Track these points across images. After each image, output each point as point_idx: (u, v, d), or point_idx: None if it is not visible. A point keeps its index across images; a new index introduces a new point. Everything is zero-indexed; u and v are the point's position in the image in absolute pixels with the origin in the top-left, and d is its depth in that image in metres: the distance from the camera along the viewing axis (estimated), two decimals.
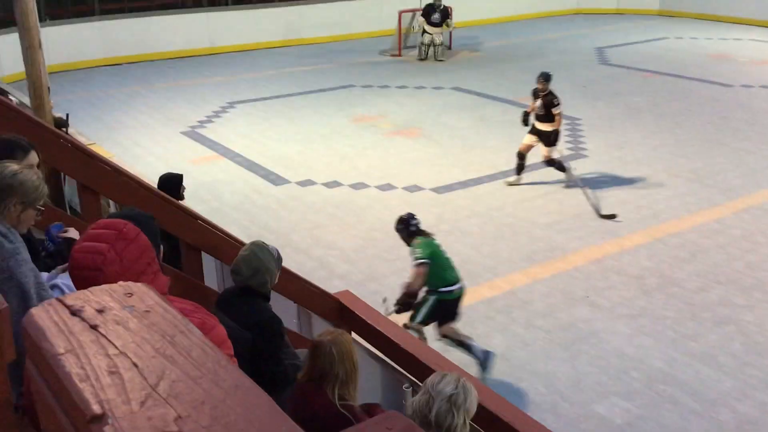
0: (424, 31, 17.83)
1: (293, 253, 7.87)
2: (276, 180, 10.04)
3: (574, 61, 17.61)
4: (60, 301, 0.79)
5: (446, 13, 17.73)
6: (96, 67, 17.24)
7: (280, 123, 12.79)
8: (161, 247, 2.14)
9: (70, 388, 0.65)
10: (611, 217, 8.62)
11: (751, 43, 19.36)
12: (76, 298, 0.79)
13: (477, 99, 14.32)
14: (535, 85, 9.53)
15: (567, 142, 11.48)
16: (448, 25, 17.83)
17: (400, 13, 18.65)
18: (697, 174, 10.07)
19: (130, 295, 0.79)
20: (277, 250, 3.52)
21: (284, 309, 4.12)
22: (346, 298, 3.97)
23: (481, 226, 8.54)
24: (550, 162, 9.66)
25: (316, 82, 15.77)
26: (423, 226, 6.10)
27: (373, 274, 7.45)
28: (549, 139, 9.51)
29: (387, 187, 9.78)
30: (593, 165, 10.46)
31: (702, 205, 9.01)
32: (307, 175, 10.17)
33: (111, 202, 5.18)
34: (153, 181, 6.40)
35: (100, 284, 1.82)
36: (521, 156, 9.72)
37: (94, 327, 0.73)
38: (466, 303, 6.83)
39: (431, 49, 17.88)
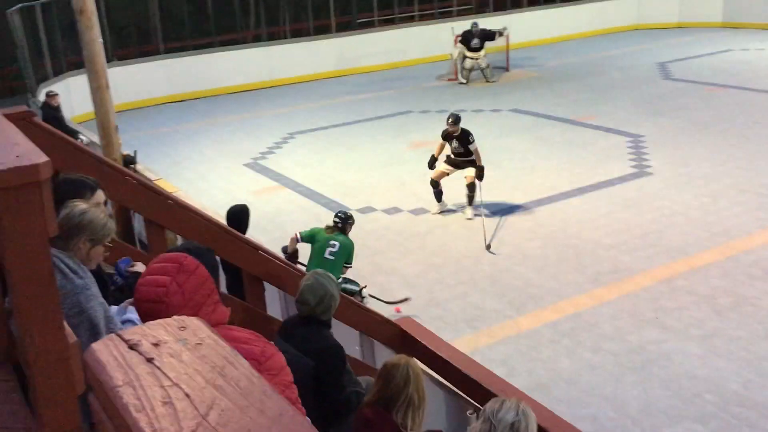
0: (465, 57, 17.88)
1: (355, 280, 7.92)
2: (336, 208, 10.12)
3: (636, 77, 17.33)
4: (119, 335, 0.83)
5: (487, 35, 17.70)
6: (162, 104, 17.85)
7: (339, 152, 12.96)
8: (221, 277, 2.20)
9: (127, 419, 0.68)
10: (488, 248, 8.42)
11: None
12: (134, 332, 0.83)
13: (535, 120, 14.21)
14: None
15: (630, 160, 11.29)
16: (497, 37, 17.65)
17: (456, 37, 18.73)
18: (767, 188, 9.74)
19: (184, 328, 0.83)
20: (336, 278, 3.55)
21: (346, 336, 4.15)
22: (408, 325, 3.97)
23: (544, 249, 8.43)
24: (473, 189, 9.42)
25: (373, 109, 15.94)
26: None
27: (435, 299, 7.43)
28: (479, 174, 9.27)
29: (447, 211, 9.76)
30: (659, 182, 10.22)
31: None
32: (367, 202, 10.25)
33: (179, 237, 5.33)
34: (217, 212, 6.57)
35: (163, 316, 1.89)
36: (435, 184, 9.55)
37: (149, 360, 0.77)
38: (529, 326, 6.75)
39: (474, 73, 17.92)
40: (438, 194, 9.71)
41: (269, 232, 9.24)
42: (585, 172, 10.90)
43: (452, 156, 9.68)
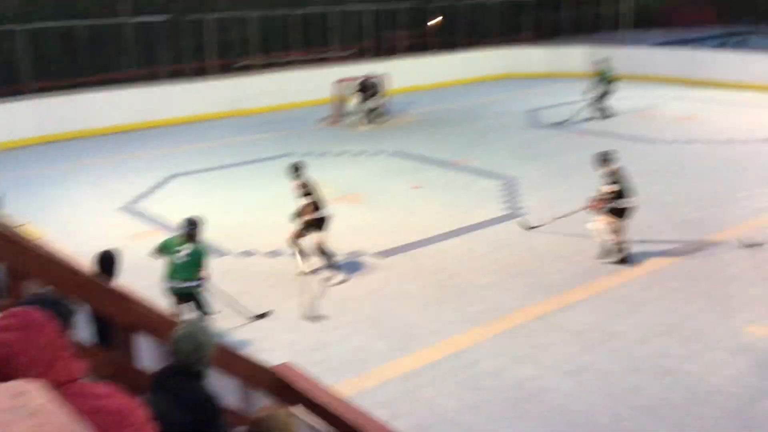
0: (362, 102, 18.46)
1: (237, 326, 7.74)
2: (217, 252, 9.92)
3: (510, 122, 18.15)
4: None
5: (375, 87, 18.39)
6: (30, 145, 16.97)
7: (220, 194, 12.73)
8: (70, 326, 2.07)
9: None
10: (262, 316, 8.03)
11: (672, 101, 20.28)
12: None
13: (416, 163, 14.55)
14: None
15: (505, 201, 11.72)
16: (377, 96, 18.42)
17: (337, 82, 18.98)
18: (630, 229, 10.33)
19: (21, 395, 0.77)
20: (212, 327, 3.45)
21: (222, 386, 4.02)
22: (285, 371, 3.89)
23: (424, 289, 8.56)
24: (322, 251, 9.09)
25: (256, 151, 15.83)
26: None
27: (318, 343, 7.36)
28: (318, 226, 9.04)
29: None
30: (534, 221, 10.65)
31: (636, 259, 9.22)
32: (250, 245, 10.08)
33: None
34: (89, 258, 6.26)
35: (9, 376, 1.75)
36: (294, 243, 9.22)
37: None
38: (411, 367, 6.80)
39: (356, 117, 18.46)
40: (301, 253, 9.23)
41: (146, 277, 8.86)
42: (463, 213, 11.23)
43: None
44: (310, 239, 9.14)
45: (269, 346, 7.21)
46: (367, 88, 18.36)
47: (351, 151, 15.78)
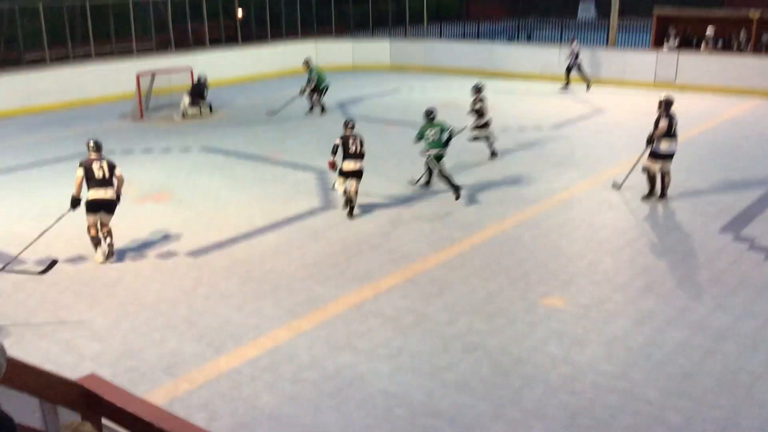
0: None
1: (36, 340, 7.21)
2: (12, 262, 9.14)
3: (318, 116, 18.28)
4: None
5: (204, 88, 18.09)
6: None
7: (12, 198, 11.76)
8: None
9: None
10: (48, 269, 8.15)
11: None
12: None
13: (226, 158, 14.28)
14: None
15: (318, 194, 11.82)
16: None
17: (138, 75, 18.14)
18: (439, 215, 10.84)
19: None
20: (1, 343, 3.18)
21: (23, 404, 3.73)
22: (90, 383, 3.68)
23: (241, 286, 8.45)
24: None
25: (51, 151, 14.78)
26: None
27: (128, 350, 7.03)
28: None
29: (138, 256, 9.35)
30: (343, 214, 10.83)
31: (444, 243, 9.70)
32: (47, 252, 9.37)
33: None
34: None
35: None
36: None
37: None
38: (230, 366, 6.70)
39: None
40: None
41: None
42: (277, 207, 11.19)
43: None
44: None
45: (74, 360, 6.80)
46: (199, 90, 18.02)
47: (157, 147, 15.17)
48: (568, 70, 21.50)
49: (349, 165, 10.52)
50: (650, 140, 11.03)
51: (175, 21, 23.60)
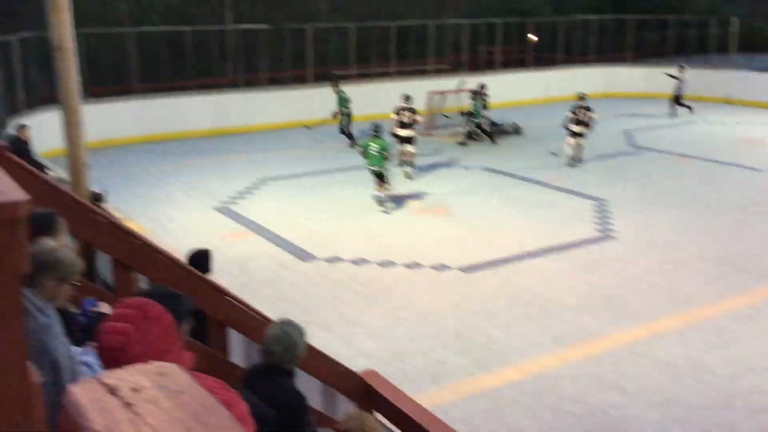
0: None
1: (319, 330, 7.86)
2: (304, 256, 10.12)
3: (604, 142, 17.73)
4: (98, 379, 0.82)
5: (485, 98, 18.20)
6: (134, 143, 17.76)
7: (310, 200, 12.98)
8: (188, 323, 2.17)
9: None
10: None
11: None
12: (113, 377, 0.83)
13: (505, 179, 14.43)
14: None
15: (595, 223, 11.47)
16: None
17: (431, 94, 19.04)
18: (728, 258, 9.94)
19: (163, 375, 0.83)
20: (303, 328, 3.53)
21: (308, 386, 4.11)
22: (371, 378, 3.94)
23: (509, 307, 8.47)
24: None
25: (348, 159, 16.04)
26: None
27: (399, 353, 7.39)
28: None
29: (414, 265, 9.79)
30: (622, 247, 10.39)
31: (734, 290, 8.86)
32: (335, 251, 10.23)
33: (142, 276, 5.25)
34: (184, 255, 6.50)
35: (124, 363, 1.86)
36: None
37: (128, 405, 0.76)
38: (492, 385, 6.74)
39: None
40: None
41: (234, 277, 9.15)
42: (551, 232, 11.05)
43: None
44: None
45: (351, 353, 7.29)
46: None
47: (441, 163, 15.79)
48: None
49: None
50: None
51: (471, 44, 24.43)
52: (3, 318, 1.36)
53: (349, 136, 17.50)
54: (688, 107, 20.66)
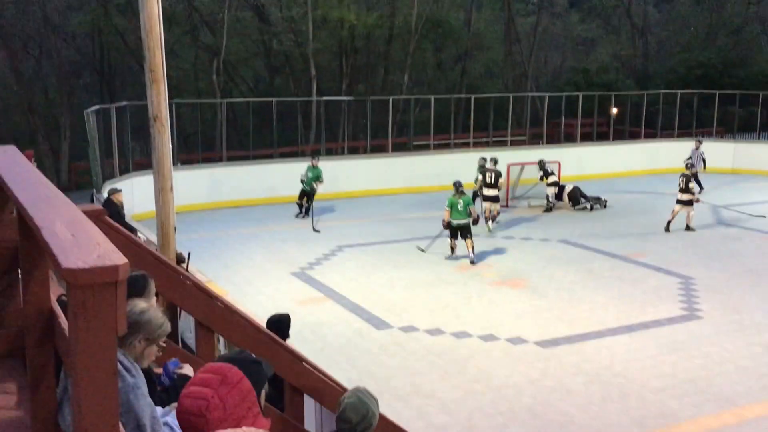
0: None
1: (392, 400, 7.79)
2: (379, 324, 10.13)
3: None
4: None
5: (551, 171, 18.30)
6: (220, 209, 18.36)
7: (386, 268, 13.04)
8: (266, 389, 2.21)
9: None
10: None
11: None
12: None
13: (585, 252, 14.16)
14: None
15: (680, 301, 11.08)
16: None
17: (509, 166, 19.06)
18: None
19: None
20: (377, 397, 3.52)
21: None
22: None
23: (588, 385, 8.21)
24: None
25: (424, 229, 16.10)
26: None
27: (472, 428, 7.23)
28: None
29: (490, 337, 9.65)
30: (709, 327, 9.98)
31: None
32: (410, 321, 10.20)
33: (221, 339, 5.37)
34: (261, 318, 6.62)
35: (203, 428, 1.90)
36: None
37: None
38: None
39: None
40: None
41: (310, 342, 9.23)
42: (633, 309, 10.73)
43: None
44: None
45: (423, 426, 7.20)
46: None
47: (518, 235, 15.66)
48: None
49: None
50: None
51: (550, 117, 24.47)
52: (100, 377, 1.44)
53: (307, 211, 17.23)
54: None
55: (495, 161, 16.47)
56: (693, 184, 15.81)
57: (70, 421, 2.12)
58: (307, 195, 17.24)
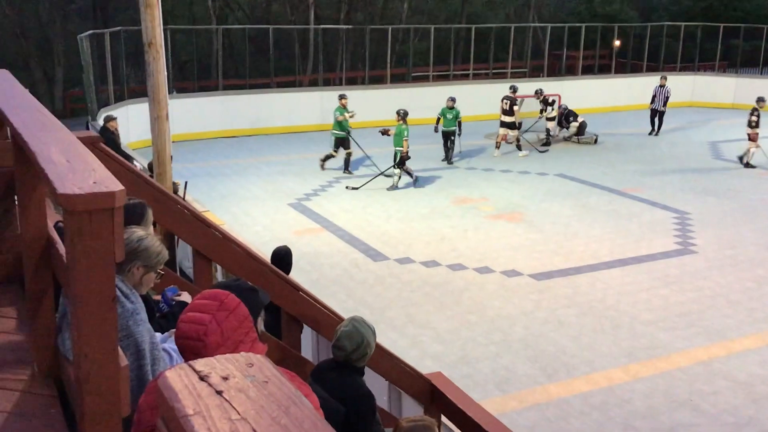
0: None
1: (387, 330, 7.91)
2: (375, 256, 10.20)
3: (686, 153, 17.24)
4: (190, 366, 0.87)
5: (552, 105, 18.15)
6: (215, 138, 18.24)
7: (382, 200, 13.06)
8: (263, 316, 2.23)
9: None
10: None
11: None
12: (204, 364, 0.87)
13: (582, 186, 14.17)
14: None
15: (675, 236, 11.16)
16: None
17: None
18: None
19: (251, 365, 0.87)
20: (373, 327, 3.57)
21: (375, 385, 4.15)
22: (438, 380, 3.96)
23: (580, 317, 8.33)
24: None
25: (420, 161, 16.06)
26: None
27: (466, 357, 7.37)
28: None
29: (485, 270, 9.74)
30: (702, 262, 10.08)
31: None
32: (406, 253, 10.28)
33: (218, 267, 5.40)
34: (259, 249, 6.66)
35: (201, 354, 1.93)
36: None
37: (219, 392, 0.81)
38: (560, 395, 6.64)
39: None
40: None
41: (306, 272, 9.31)
42: (628, 243, 10.81)
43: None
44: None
45: (418, 355, 7.32)
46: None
47: (516, 169, 15.63)
48: None
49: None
50: None
51: (551, 48, 24.10)
52: (99, 302, 1.45)
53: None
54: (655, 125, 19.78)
55: (514, 89, 16.87)
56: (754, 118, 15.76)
57: (69, 345, 2.15)
58: (342, 142, 14.95)
